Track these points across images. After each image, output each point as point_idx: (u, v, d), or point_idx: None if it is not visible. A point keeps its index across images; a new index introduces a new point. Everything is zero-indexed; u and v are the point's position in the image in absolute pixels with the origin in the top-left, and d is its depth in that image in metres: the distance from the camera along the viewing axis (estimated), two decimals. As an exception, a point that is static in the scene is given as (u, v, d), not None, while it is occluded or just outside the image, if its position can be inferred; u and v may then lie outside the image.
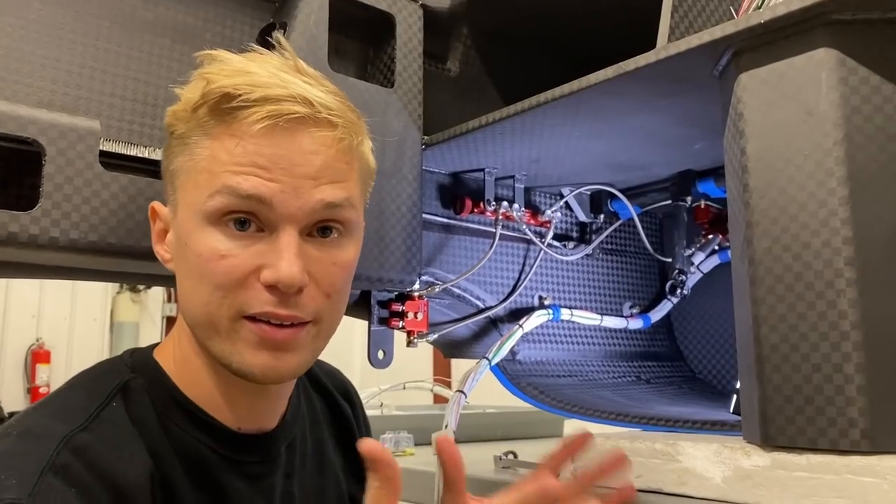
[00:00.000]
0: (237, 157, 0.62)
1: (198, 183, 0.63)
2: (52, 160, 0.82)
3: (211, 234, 0.63)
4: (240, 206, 0.62)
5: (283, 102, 0.62)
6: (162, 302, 5.72)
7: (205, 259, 0.63)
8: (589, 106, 1.01)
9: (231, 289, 0.62)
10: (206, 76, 0.64)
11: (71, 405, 0.64)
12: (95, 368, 0.71)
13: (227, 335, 0.64)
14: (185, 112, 0.65)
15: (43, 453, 0.57)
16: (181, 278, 0.67)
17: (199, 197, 0.63)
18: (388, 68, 1.14)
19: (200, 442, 0.67)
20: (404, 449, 1.34)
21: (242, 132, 0.62)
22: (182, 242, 0.65)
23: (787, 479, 0.75)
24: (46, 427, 0.60)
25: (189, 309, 0.66)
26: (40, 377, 4.92)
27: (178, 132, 0.66)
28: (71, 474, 0.57)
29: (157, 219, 0.72)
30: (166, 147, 0.69)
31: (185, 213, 0.65)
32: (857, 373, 0.71)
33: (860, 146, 0.74)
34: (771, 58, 0.80)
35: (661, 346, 1.57)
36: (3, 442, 0.59)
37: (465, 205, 1.28)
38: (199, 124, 0.64)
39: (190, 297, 0.65)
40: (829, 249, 0.74)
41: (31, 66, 0.88)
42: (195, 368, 0.69)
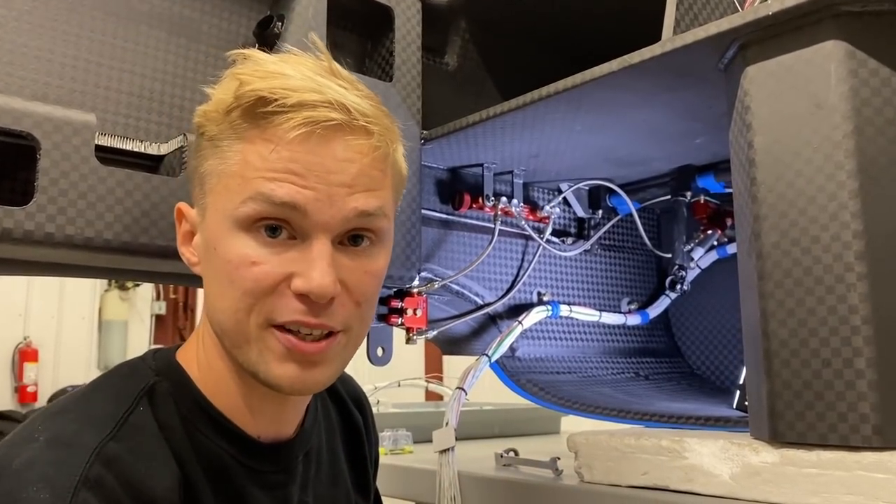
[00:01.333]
0: (271, 163, 0.61)
1: (229, 187, 0.62)
2: (46, 154, 0.80)
3: (242, 240, 0.62)
4: (273, 213, 0.61)
5: (320, 108, 0.60)
6: (151, 300, 5.68)
7: (234, 265, 0.62)
8: (592, 99, 1.00)
9: (260, 296, 0.61)
10: (240, 77, 0.62)
11: (98, 410, 0.62)
12: (119, 371, 0.69)
13: (255, 344, 0.63)
14: (216, 113, 0.64)
15: (75, 465, 0.56)
16: (209, 283, 0.66)
17: (231, 202, 0.62)
18: (386, 62, 1.13)
19: (222, 449, 0.66)
20: (403, 447, 1.33)
21: (278, 138, 0.61)
22: (211, 247, 0.64)
23: (796, 475, 0.74)
24: (75, 434, 0.59)
25: (216, 314, 0.65)
26: (28, 376, 4.87)
27: (210, 134, 0.64)
28: (104, 489, 0.55)
29: (183, 220, 0.70)
30: (196, 148, 0.68)
31: (215, 217, 0.64)
32: (868, 368, 0.71)
33: (870, 139, 0.74)
34: (779, 50, 0.79)
35: (660, 343, 1.57)
36: (30, 447, 0.57)
37: (463, 200, 1.26)
38: (231, 127, 0.63)
39: (218, 302, 0.64)
40: (838, 243, 0.73)
41: (24, 58, 0.86)
42: (220, 374, 0.67)
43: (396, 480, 1.19)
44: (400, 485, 1.18)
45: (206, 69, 1.01)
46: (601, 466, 0.92)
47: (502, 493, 1.02)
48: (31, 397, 4.87)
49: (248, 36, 1.04)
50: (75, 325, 5.23)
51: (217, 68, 1.03)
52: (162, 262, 0.90)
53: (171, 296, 5.77)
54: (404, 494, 1.18)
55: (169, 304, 5.77)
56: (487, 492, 1.03)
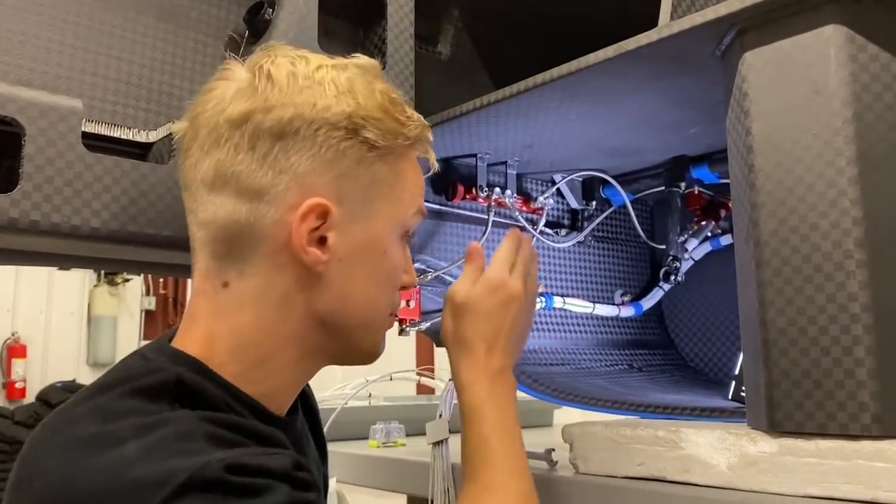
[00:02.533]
0: (421, 183, 0.76)
1: (402, 200, 0.73)
2: (32, 140, 0.78)
3: (402, 247, 0.75)
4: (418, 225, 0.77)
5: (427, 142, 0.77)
6: (140, 295, 5.64)
7: (398, 268, 0.74)
8: (587, 87, 0.99)
9: (396, 292, 0.76)
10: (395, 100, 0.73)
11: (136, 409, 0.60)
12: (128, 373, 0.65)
13: (379, 329, 0.75)
14: (386, 133, 0.70)
15: (188, 431, 0.57)
16: (354, 282, 0.71)
17: (404, 212, 0.74)
18: (378, 50, 1.12)
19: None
20: (395, 439, 1.32)
21: (418, 161, 0.76)
22: (377, 250, 0.72)
23: (795, 465, 0.74)
24: (156, 419, 0.59)
25: (359, 311, 0.72)
26: (16, 372, 4.84)
27: (379, 143, 0.70)
28: (226, 440, 0.59)
29: (316, 217, 0.67)
30: (356, 152, 0.69)
31: (386, 223, 0.72)
32: (867, 356, 0.70)
33: (870, 125, 0.73)
34: (777, 35, 0.78)
35: (653, 334, 1.56)
36: (130, 444, 0.55)
37: (457, 191, 1.25)
38: (403, 148, 0.72)
39: (371, 299, 0.73)
40: (838, 231, 0.72)
41: (8, 42, 0.84)
42: (275, 367, 0.70)
43: (389, 473, 1.17)
44: (393, 478, 1.17)
45: (195, 56, 1.00)
46: (596, 457, 0.91)
47: (496, 485, 1.01)
48: (20, 393, 4.83)
49: (238, 23, 1.03)
50: (64, 320, 5.19)
51: (206, 55, 1.01)
52: (150, 252, 0.89)
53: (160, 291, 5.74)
54: (397, 487, 1.17)
55: (158, 299, 5.74)
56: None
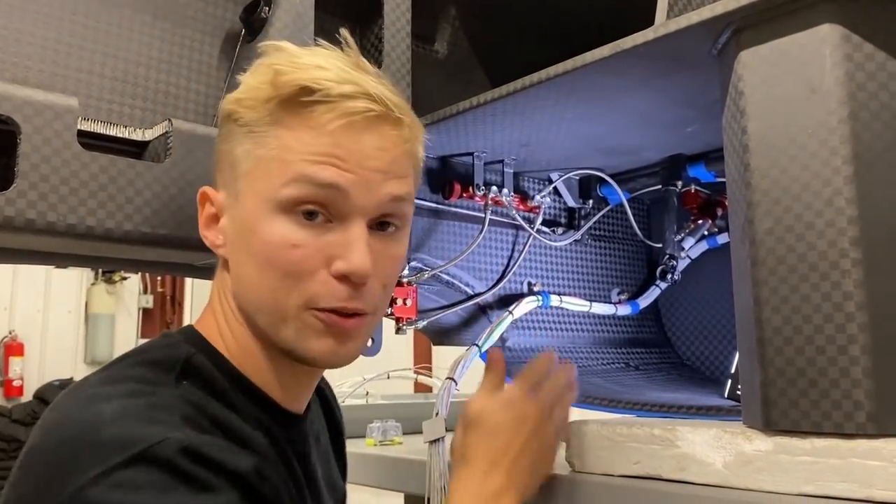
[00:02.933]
0: (313, 147, 0.64)
1: (269, 171, 0.65)
2: (27, 138, 0.78)
3: (281, 223, 0.64)
4: (314, 196, 0.64)
5: (360, 100, 0.64)
6: (138, 293, 5.64)
7: (275, 247, 0.64)
8: (583, 86, 0.99)
9: (301, 278, 0.64)
10: (276, 67, 0.65)
11: (146, 378, 0.62)
12: (149, 347, 0.69)
13: (294, 322, 0.65)
14: (252, 101, 0.66)
15: (169, 406, 0.57)
16: (241, 265, 0.68)
17: (272, 185, 0.64)
18: (375, 48, 1.11)
19: (265, 419, 0.68)
20: (392, 438, 1.32)
21: (320, 126, 0.64)
22: (248, 230, 0.66)
23: (790, 463, 0.74)
24: (148, 388, 0.60)
25: (251, 295, 0.67)
26: (13, 370, 4.84)
27: (244, 120, 0.66)
28: (200, 426, 0.58)
29: (207, 203, 0.71)
30: (225, 134, 0.69)
31: (252, 200, 0.66)
32: (862, 355, 0.70)
33: (865, 124, 0.73)
34: (773, 34, 0.78)
35: (649, 333, 1.56)
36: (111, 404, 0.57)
37: (453, 189, 1.25)
38: (269, 114, 0.65)
39: (254, 283, 0.66)
40: (833, 229, 0.73)
41: (3, 40, 0.84)
42: (248, 350, 0.69)
43: (386, 471, 1.17)
44: (389, 476, 1.17)
45: (192, 54, 1.00)
46: (592, 456, 0.91)
47: (493, 483, 1.01)
48: (17, 391, 4.83)
49: (235, 21, 1.03)
50: (61, 318, 5.19)
51: (203, 54, 1.01)
52: (146, 250, 0.89)
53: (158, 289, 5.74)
54: (394, 486, 1.17)
55: (156, 297, 5.74)
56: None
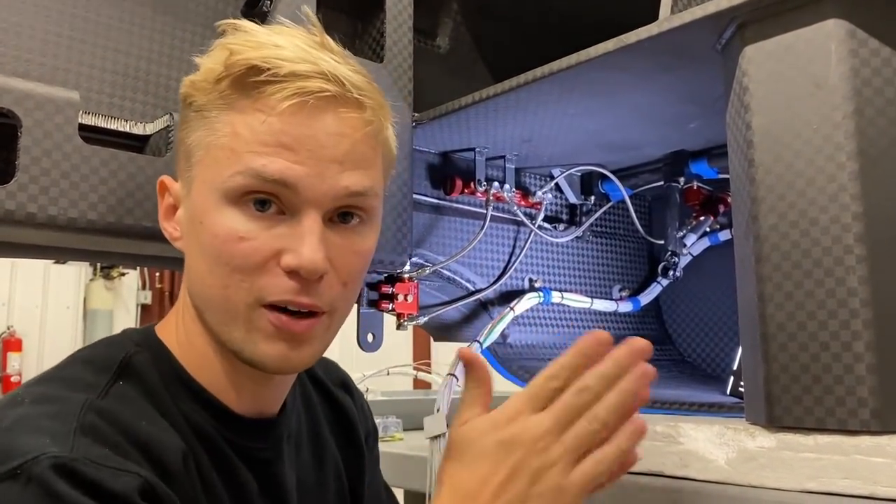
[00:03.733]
0: (261, 136, 0.59)
1: (218, 160, 0.60)
2: (28, 132, 0.77)
3: (229, 214, 0.60)
4: (262, 188, 0.59)
5: (313, 79, 0.59)
6: (136, 289, 5.63)
7: (221, 240, 0.60)
8: (586, 81, 0.99)
9: (250, 273, 0.60)
10: (230, 47, 0.60)
11: (79, 379, 0.60)
12: (96, 344, 0.68)
13: (244, 323, 0.61)
14: (205, 83, 0.61)
15: (69, 413, 0.54)
16: (193, 258, 0.64)
17: (219, 174, 0.60)
18: (377, 42, 1.11)
19: (207, 422, 0.64)
20: (393, 434, 1.31)
21: (269, 108, 0.59)
22: (197, 221, 0.62)
23: (793, 460, 0.74)
24: (61, 394, 0.57)
25: (201, 291, 0.63)
26: (11, 365, 4.83)
27: (198, 104, 0.62)
28: (101, 434, 0.54)
29: (166, 193, 0.68)
30: (182, 119, 0.65)
31: (201, 189, 0.62)
32: (867, 351, 0.70)
33: (870, 120, 0.73)
34: (778, 29, 0.78)
35: (650, 330, 1.56)
36: (15, 409, 0.55)
37: (455, 185, 1.25)
38: (220, 97, 0.60)
39: (204, 278, 0.62)
40: (838, 225, 0.72)
41: (4, 34, 0.83)
42: (200, 350, 0.65)
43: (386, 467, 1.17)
44: (390, 472, 1.16)
45: (193, 48, 0.99)
46: (595, 452, 0.91)
47: (494, 479, 1.01)
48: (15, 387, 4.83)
49: (237, 14, 1.02)
50: (60, 314, 5.18)
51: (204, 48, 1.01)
52: (147, 245, 0.88)
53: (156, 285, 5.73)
54: (394, 482, 1.16)
55: (155, 293, 5.73)
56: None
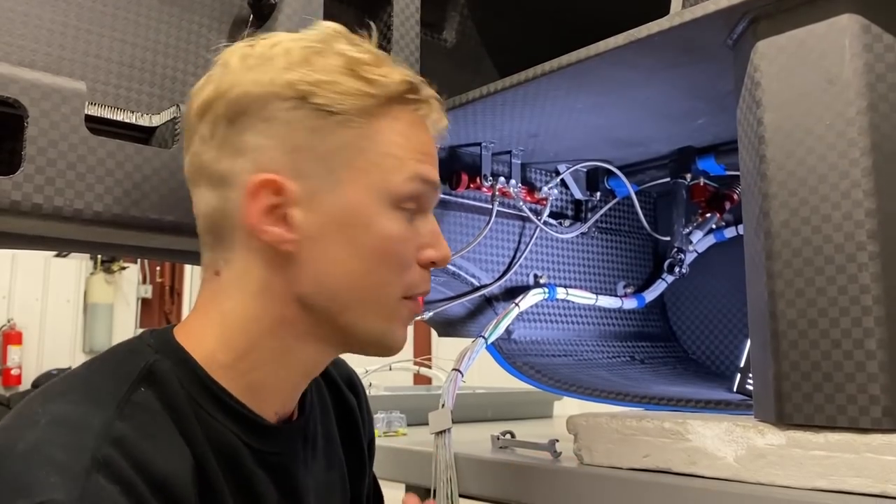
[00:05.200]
0: (419, 146, 0.67)
1: (380, 165, 0.65)
2: (34, 122, 0.77)
3: (394, 217, 0.66)
4: (424, 192, 0.67)
5: (434, 101, 0.69)
6: (137, 283, 5.63)
7: (393, 241, 0.65)
8: (594, 76, 0.98)
9: (403, 270, 0.67)
10: (359, 57, 0.65)
11: (98, 390, 0.59)
12: (116, 350, 0.67)
13: (388, 315, 0.67)
14: (344, 89, 0.64)
15: (84, 447, 0.53)
16: (331, 260, 0.65)
17: (386, 179, 0.65)
18: (384, 36, 1.10)
19: (229, 430, 0.64)
20: (396, 429, 1.31)
21: (416, 123, 0.67)
22: (355, 223, 0.65)
23: (803, 457, 0.73)
24: (79, 415, 0.56)
25: (344, 289, 0.65)
26: (12, 359, 4.83)
27: (339, 108, 0.64)
28: (115, 471, 0.53)
29: (267, 193, 0.64)
30: (309, 121, 0.64)
31: (362, 193, 0.65)
32: (879, 349, 0.69)
33: (884, 115, 0.72)
34: (791, 24, 0.77)
35: (655, 327, 1.56)
36: (32, 431, 0.55)
37: (461, 180, 1.24)
38: (377, 106, 0.65)
39: (357, 278, 0.65)
40: (850, 222, 0.72)
41: (10, 23, 0.83)
42: (263, 355, 0.66)
43: (390, 463, 1.17)
44: (394, 467, 1.16)
45: (199, 39, 0.98)
46: (601, 449, 0.91)
47: (499, 475, 1.00)
48: (15, 380, 4.83)
49: (243, 6, 1.01)
50: (60, 307, 5.18)
51: (211, 39, 1.00)
52: (153, 237, 0.88)
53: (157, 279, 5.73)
54: (398, 477, 1.16)
55: (155, 287, 5.73)
56: (484, 474, 1.02)
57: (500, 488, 1.00)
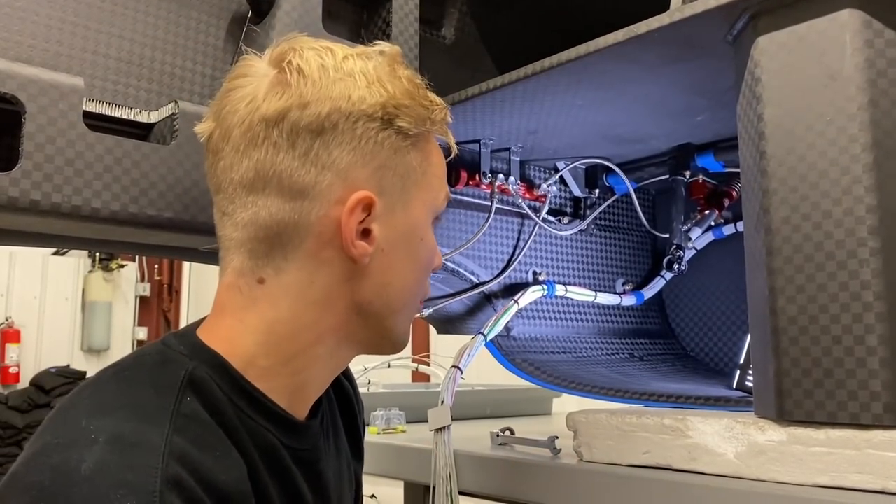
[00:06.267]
0: (444, 166, 0.75)
1: (432, 185, 0.72)
2: (32, 118, 0.76)
3: (431, 230, 0.74)
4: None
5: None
6: (135, 281, 5.63)
7: (433, 252, 0.74)
8: (594, 72, 0.98)
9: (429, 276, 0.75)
10: (419, 82, 0.71)
11: (146, 403, 0.59)
12: (144, 359, 0.65)
13: (411, 315, 0.74)
14: (415, 114, 0.69)
15: (152, 466, 0.53)
16: (397, 271, 0.70)
17: (435, 197, 0.73)
18: (383, 32, 1.10)
19: (269, 432, 0.65)
20: (395, 426, 1.31)
21: (440, 148, 0.75)
22: (416, 237, 0.71)
23: (804, 454, 0.73)
24: (137, 432, 0.56)
25: (401, 297, 0.71)
26: (10, 357, 4.83)
27: (408, 130, 0.68)
28: (184, 487, 0.54)
29: (362, 210, 0.66)
30: (383, 137, 0.67)
31: (421, 209, 0.71)
32: (880, 345, 0.69)
33: (886, 111, 0.72)
34: (791, 20, 0.77)
35: (654, 324, 1.56)
36: (93, 450, 0.54)
37: (460, 177, 1.24)
38: (430, 131, 0.72)
39: (409, 287, 0.72)
40: (851, 218, 0.72)
41: (8, 19, 0.82)
42: (308, 360, 0.68)
43: (390, 460, 1.17)
44: (393, 464, 1.16)
45: (198, 36, 0.98)
46: (601, 445, 0.90)
47: (499, 471, 1.00)
48: (14, 378, 4.82)
49: (242, 2, 1.01)
50: (58, 305, 5.18)
51: (209, 35, 1.00)
52: (151, 234, 0.88)
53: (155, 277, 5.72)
54: (397, 474, 1.16)
55: (153, 285, 5.73)
56: (484, 471, 1.01)
57: (499, 485, 1.00)
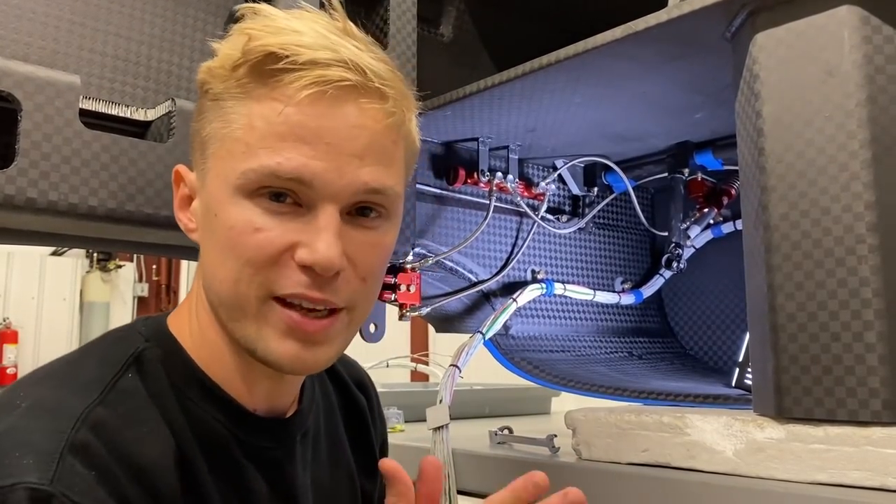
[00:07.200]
0: (278, 128, 0.57)
1: (232, 153, 0.58)
2: (28, 116, 0.76)
3: (245, 207, 0.58)
4: (277, 184, 0.57)
5: (333, 67, 0.56)
6: (133, 281, 5.62)
7: (237, 232, 0.58)
8: (592, 69, 0.98)
9: (262, 266, 0.58)
10: (248, 32, 0.58)
11: (82, 375, 0.59)
12: (107, 337, 0.66)
13: (255, 318, 0.59)
14: (222, 70, 0.59)
15: (60, 430, 0.52)
16: (207, 251, 0.62)
17: (233, 169, 0.58)
18: (380, 30, 1.10)
19: (217, 420, 0.62)
20: (394, 426, 1.31)
21: (286, 97, 0.56)
22: (212, 213, 0.60)
23: (802, 451, 0.73)
24: (59, 400, 0.55)
25: (214, 285, 0.61)
26: (7, 357, 4.82)
27: (214, 92, 0.60)
28: (90, 454, 0.52)
29: (181, 184, 0.65)
30: (198, 109, 0.63)
31: (216, 182, 0.60)
32: (878, 342, 0.69)
33: (884, 107, 0.72)
34: (789, 17, 0.77)
35: (652, 322, 1.55)
36: (11, 415, 0.54)
37: (458, 175, 1.24)
38: (237, 85, 0.58)
39: (216, 272, 0.60)
40: (850, 215, 0.72)
41: (4, 16, 0.82)
42: (213, 345, 0.64)
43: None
44: (392, 463, 1.16)
45: (195, 33, 0.98)
46: (600, 443, 0.90)
47: (498, 470, 1.00)
48: (11, 379, 4.81)
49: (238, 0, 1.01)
50: (56, 306, 5.16)
51: (206, 33, 0.99)
52: (148, 232, 0.87)
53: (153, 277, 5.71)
54: (396, 473, 1.16)
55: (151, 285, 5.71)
56: (482, 469, 1.01)
57: (498, 484, 0.99)
